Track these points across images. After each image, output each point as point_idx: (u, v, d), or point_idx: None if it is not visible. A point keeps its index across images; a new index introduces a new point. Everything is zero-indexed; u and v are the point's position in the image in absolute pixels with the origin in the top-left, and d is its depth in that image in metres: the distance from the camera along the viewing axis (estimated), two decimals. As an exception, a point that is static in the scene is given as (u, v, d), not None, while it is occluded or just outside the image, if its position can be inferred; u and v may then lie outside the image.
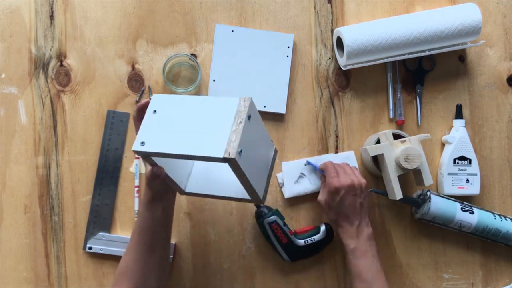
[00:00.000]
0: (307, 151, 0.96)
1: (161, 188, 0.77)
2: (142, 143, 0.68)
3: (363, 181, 0.87)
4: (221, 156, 0.64)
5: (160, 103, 0.72)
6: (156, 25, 0.96)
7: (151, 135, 0.69)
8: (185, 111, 0.70)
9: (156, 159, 0.72)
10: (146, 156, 0.70)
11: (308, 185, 0.94)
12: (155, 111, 0.71)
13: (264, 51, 0.95)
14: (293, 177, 0.94)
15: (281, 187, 0.95)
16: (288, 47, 0.95)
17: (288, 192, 0.94)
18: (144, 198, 0.78)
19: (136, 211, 0.93)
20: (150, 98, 0.73)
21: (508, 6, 0.99)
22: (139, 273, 0.77)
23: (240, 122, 0.66)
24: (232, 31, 0.95)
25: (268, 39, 0.95)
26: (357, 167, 0.95)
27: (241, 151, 0.65)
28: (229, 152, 0.64)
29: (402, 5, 0.98)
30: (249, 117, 0.67)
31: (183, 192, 0.81)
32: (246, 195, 0.77)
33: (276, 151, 0.79)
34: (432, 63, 0.98)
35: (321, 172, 0.92)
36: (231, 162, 0.64)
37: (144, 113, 0.74)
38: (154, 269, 0.79)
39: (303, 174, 0.94)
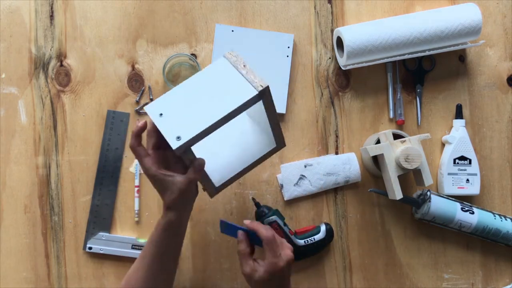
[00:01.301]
0: (307, 151, 0.96)
1: (194, 195, 0.76)
2: (178, 138, 0.66)
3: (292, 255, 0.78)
4: (256, 92, 0.66)
5: (157, 107, 0.69)
6: (156, 25, 0.96)
7: (179, 128, 0.67)
8: (186, 96, 0.70)
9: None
10: (187, 150, 0.68)
11: (309, 186, 0.94)
12: (161, 114, 0.69)
13: (264, 51, 0.95)
14: (293, 180, 0.94)
15: (281, 189, 0.95)
16: (288, 47, 0.95)
17: (288, 195, 0.94)
18: (165, 222, 0.74)
19: (136, 211, 0.93)
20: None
21: (508, 6, 1.00)
22: None
23: (244, 65, 0.68)
24: (232, 31, 0.95)
25: (268, 39, 0.95)
26: (358, 168, 0.95)
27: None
28: (260, 85, 0.66)
29: (402, 5, 0.98)
30: (244, 65, 0.70)
31: (213, 192, 0.80)
32: (267, 147, 0.79)
33: None
34: (432, 63, 0.98)
35: (243, 231, 0.79)
36: (266, 92, 0.66)
37: (141, 138, 0.72)
38: (163, 284, 0.78)
39: (303, 176, 0.94)
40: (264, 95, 0.67)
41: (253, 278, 0.74)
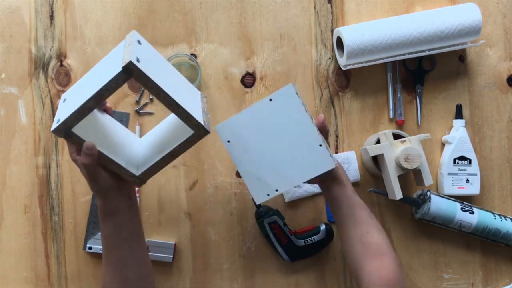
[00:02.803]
0: (307, 151, 0.96)
1: (108, 183, 0.70)
2: (58, 121, 0.67)
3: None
4: (120, 69, 0.63)
5: (68, 93, 0.74)
6: (156, 25, 0.96)
7: (62, 112, 0.69)
8: (85, 80, 0.72)
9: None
10: (69, 133, 0.68)
11: (309, 187, 0.94)
12: (64, 100, 0.72)
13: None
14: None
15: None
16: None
17: (289, 196, 0.94)
18: (99, 212, 0.72)
19: (136, 211, 0.93)
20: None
21: (508, 6, 0.99)
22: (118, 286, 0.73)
23: (129, 44, 0.66)
24: None
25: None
26: (357, 167, 0.95)
27: (138, 58, 0.64)
28: (125, 61, 0.63)
29: (402, 5, 0.98)
30: (139, 41, 0.68)
31: (137, 180, 0.74)
32: (188, 132, 0.72)
33: (203, 96, 0.78)
34: (432, 63, 0.98)
35: None
36: (131, 67, 0.63)
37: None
38: (135, 279, 0.74)
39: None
40: (133, 72, 0.63)
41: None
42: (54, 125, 0.68)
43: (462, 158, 0.95)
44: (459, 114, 0.97)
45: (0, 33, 0.94)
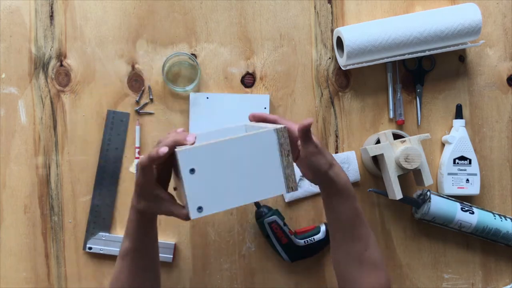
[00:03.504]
0: (307, 151, 0.96)
1: (152, 188, 0.71)
2: (200, 209, 0.66)
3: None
4: (286, 192, 0.68)
5: (192, 160, 0.66)
6: (156, 25, 0.96)
7: (203, 196, 0.66)
8: (223, 158, 0.67)
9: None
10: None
11: (309, 187, 0.94)
12: (192, 170, 0.66)
13: (241, 115, 0.91)
14: (294, 179, 0.94)
15: (281, 187, 0.95)
16: (265, 108, 0.94)
17: (289, 196, 0.94)
18: (134, 215, 0.73)
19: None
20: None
21: (508, 6, 1.00)
22: None
23: (288, 154, 0.68)
24: (207, 98, 0.94)
25: (244, 102, 0.94)
26: (357, 167, 0.95)
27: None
28: (292, 187, 0.68)
29: (402, 5, 0.98)
30: (288, 154, 0.69)
31: (186, 219, 0.72)
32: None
33: (278, 136, 0.78)
34: (432, 63, 0.98)
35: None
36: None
37: (153, 164, 0.69)
38: (148, 283, 0.77)
39: (303, 177, 0.94)
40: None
41: (316, 149, 0.72)
42: (194, 214, 0.66)
43: (462, 158, 0.95)
44: (459, 114, 0.97)
45: (0, 33, 0.94)
